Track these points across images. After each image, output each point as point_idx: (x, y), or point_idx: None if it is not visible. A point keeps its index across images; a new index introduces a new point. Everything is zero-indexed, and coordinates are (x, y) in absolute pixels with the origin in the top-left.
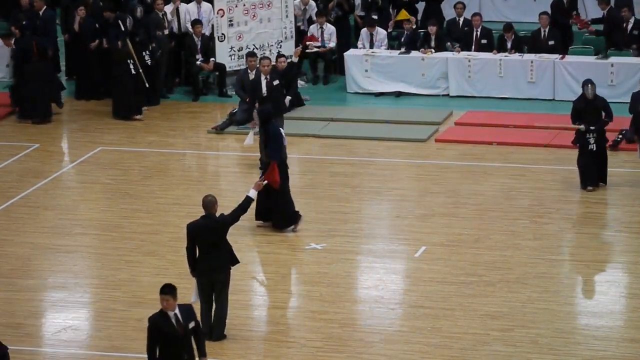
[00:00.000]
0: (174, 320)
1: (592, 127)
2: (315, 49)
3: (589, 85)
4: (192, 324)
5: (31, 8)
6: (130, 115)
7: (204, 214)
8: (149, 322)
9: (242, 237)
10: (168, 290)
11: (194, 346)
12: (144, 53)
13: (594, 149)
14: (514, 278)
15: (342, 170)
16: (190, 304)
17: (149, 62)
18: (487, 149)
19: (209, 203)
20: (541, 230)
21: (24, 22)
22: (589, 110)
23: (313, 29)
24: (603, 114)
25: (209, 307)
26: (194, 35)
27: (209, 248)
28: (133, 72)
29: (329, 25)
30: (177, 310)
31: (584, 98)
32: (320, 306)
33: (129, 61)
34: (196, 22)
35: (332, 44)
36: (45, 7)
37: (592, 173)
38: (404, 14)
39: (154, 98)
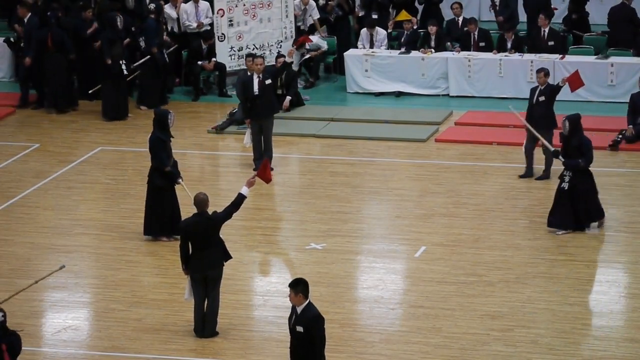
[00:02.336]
0: (293, 315)
1: (561, 157)
2: (308, 55)
3: (565, 120)
4: (299, 328)
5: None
6: (120, 116)
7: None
8: None
9: (241, 237)
10: (291, 284)
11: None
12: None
13: (566, 188)
14: (514, 278)
15: (342, 170)
16: (320, 314)
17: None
18: (487, 149)
19: (201, 201)
20: (541, 230)
21: (48, 13)
22: (565, 146)
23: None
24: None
25: (202, 303)
26: (202, 41)
27: (203, 245)
28: (125, 72)
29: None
30: (300, 309)
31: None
32: (320, 306)
33: (121, 62)
34: (209, 36)
35: (324, 47)
36: (29, 14)
37: (562, 214)
38: (404, 15)
39: (163, 97)
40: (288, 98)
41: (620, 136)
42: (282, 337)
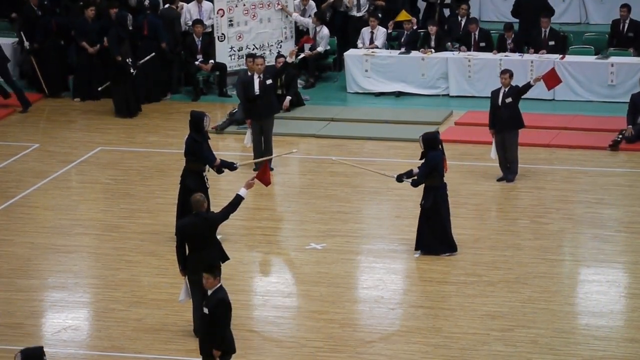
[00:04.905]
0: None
1: (405, 179)
2: (302, 55)
3: (420, 138)
4: (205, 310)
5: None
6: (131, 114)
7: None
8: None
9: (241, 237)
10: (208, 269)
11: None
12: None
13: (421, 204)
14: (514, 278)
15: (342, 170)
16: (224, 298)
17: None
18: (487, 149)
19: (197, 202)
20: (541, 230)
21: (45, 2)
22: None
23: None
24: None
25: (201, 304)
26: (194, 35)
27: (199, 245)
28: (132, 71)
29: (324, 28)
30: (210, 292)
31: None
32: (320, 306)
33: (127, 60)
34: (197, 22)
35: (320, 47)
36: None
37: (421, 235)
38: (404, 15)
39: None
40: (288, 98)
41: (620, 136)
42: (282, 337)
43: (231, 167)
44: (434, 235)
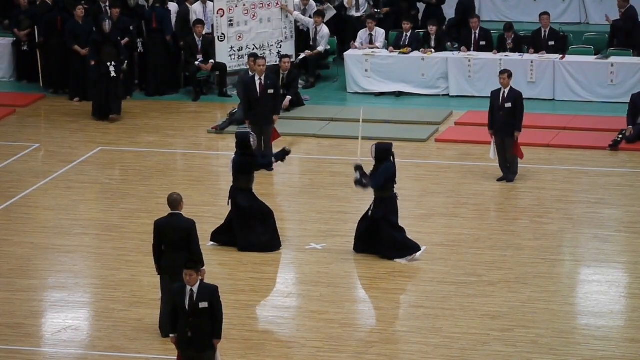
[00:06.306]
0: (187, 296)
1: (357, 174)
2: (303, 55)
3: (372, 147)
4: (203, 304)
5: (31, 8)
6: (106, 116)
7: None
8: (171, 290)
9: None
10: (192, 265)
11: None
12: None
13: (370, 214)
14: (514, 278)
15: (342, 170)
16: (216, 285)
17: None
18: (487, 149)
19: (174, 201)
20: (541, 230)
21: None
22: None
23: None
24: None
25: (169, 303)
26: (195, 35)
27: (173, 247)
28: (113, 74)
29: (324, 27)
30: (196, 287)
31: None
32: (320, 306)
33: (108, 64)
34: (198, 22)
35: (320, 47)
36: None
37: (365, 239)
38: (405, 49)
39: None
40: (288, 98)
41: (620, 136)
42: (282, 337)
43: (283, 156)
44: (389, 244)
